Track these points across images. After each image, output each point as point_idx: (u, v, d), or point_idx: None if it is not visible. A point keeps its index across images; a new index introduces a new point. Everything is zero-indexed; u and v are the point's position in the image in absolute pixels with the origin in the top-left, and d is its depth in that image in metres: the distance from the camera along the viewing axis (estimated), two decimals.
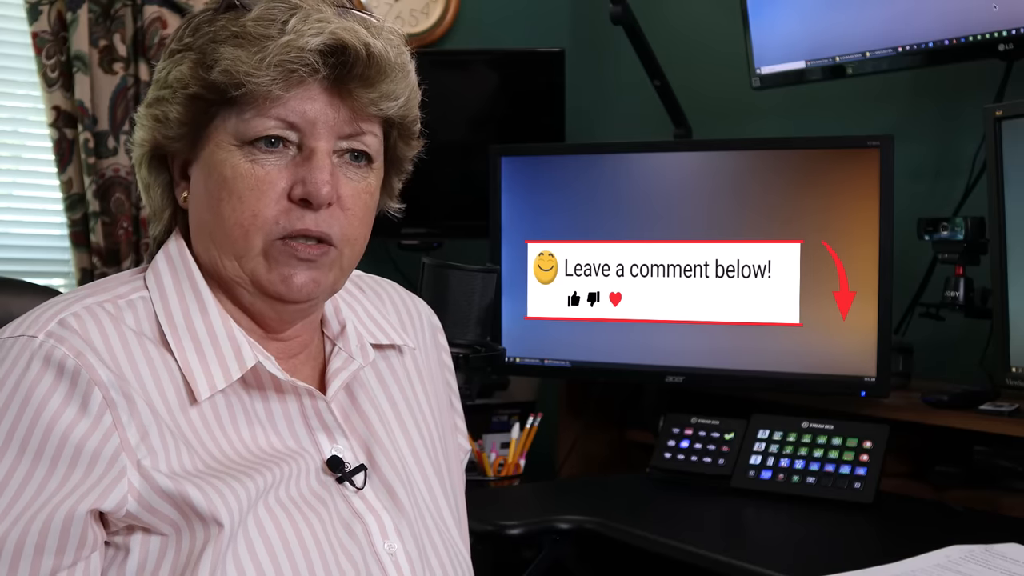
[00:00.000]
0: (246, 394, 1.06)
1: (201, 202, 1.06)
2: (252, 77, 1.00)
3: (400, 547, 1.08)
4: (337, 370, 1.13)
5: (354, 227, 1.07)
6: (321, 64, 1.01)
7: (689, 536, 1.77)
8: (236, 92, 1.01)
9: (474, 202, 2.61)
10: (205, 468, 1.01)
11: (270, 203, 1.03)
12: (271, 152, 1.03)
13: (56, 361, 0.98)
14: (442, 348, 1.29)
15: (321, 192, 1.03)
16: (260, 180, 1.03)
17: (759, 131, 2.65)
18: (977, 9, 2.04)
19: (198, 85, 1.03)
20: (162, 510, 0.98)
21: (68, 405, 0.97)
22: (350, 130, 1.05)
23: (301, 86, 1.02)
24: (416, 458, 1.16)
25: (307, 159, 1.03)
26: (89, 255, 2.63)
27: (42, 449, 0.96)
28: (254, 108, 1.02)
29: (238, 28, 1.02)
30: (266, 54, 1.00)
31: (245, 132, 1.03)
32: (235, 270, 1.06)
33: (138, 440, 0.99)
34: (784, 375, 2.16)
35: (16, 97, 2.70)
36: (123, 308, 1.05)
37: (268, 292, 1.06)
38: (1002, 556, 1.52)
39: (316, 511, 1.04)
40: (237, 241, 1.04)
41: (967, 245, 2.03)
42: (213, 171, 1.04)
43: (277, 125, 1.03)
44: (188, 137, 1.06)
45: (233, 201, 1.03)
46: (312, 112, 1.03)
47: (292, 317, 1.10)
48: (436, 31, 3.06)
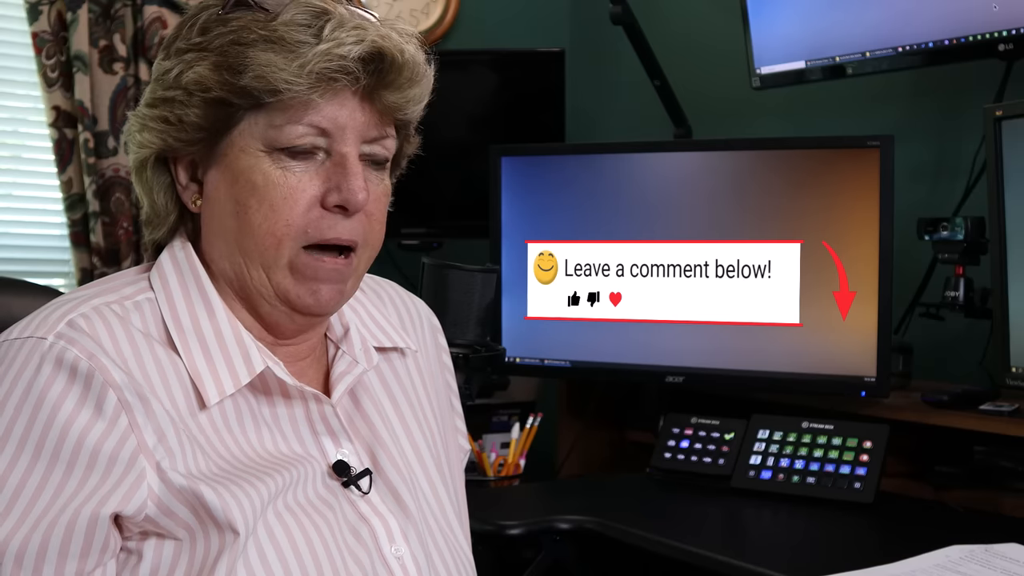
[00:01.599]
0: (253, 398, 1.06)
1: (224, 209, 1.04)
2: (292, 84, 0.99)
3: (407, 550, 1.07)
4: (341, 374, 1.12)
5: (376, 232, 1.07)
6: (362, 72, 1.00)
7: (689, 536, 1.77)
8: (271, 99, 1.00)
9: (474, 202, 2.61)
10: (219, 471, 1.00)
11: (302, 212, 1.02)
12: (301, 159, 1.02)
13: (68, 363, 0.96)
14: (442, 349, 1.29)
15: (358, 198, 1.02)
16: (293, 189, 1.02)
17: (759, 131, 2.65)
18: (977, 9, 2.04)
19: (224, 90, 1.00)
20: (179, 513, 0.97)
21: (83, 408, 0.96)
22: (375, 134, 1.05)
23: (336, 93, 1.01)
24: (420, 461, 1.16)
25: (339, 165, 1.03)
26: (89, 255, 2.63)
27: (58, 452, 0.95)
28: (284, 113, 1.01)
29: (267, 32, 1.00)
30: (306, 61, 0.98)
31: (276, 139, 1.01)
32: (261, 281, 1.05)
33: (155, 442, 0.98)
34: (784, 375, 2.16)
35: (16, 97, 2.70)
36: (130, 309, 1.04)
37: (295, 306, 1.05)
38: (1002, 556, 1.52)
39: (324, 516, 1.04)
40: (268, 251, 1.03)
41: (967, 245, 2.03)
42: (240, 178, 1.03)
43: (309, 132, 1.02)
44: (205, 141, 1.04)
45: (264, 209, 1.02)
46: (343, 118, 1.02)
47: (309, 325, 1.10)
48: (436, 31, 3.06)
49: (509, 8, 3.16)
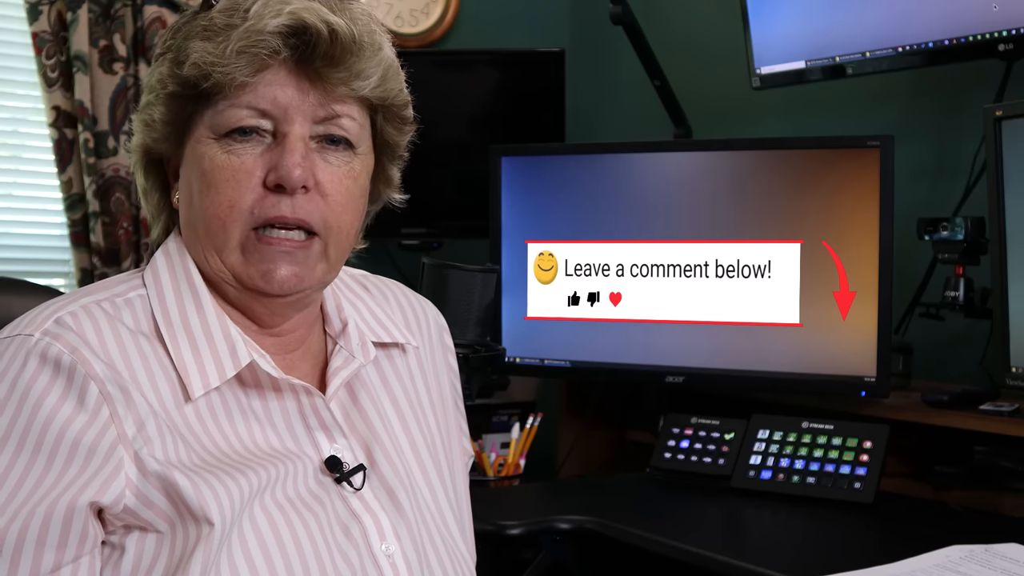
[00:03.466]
0: (243, 392, 1.06)
1: (185, 198, 1.08)
2: (217, 66, 1.01)
3: (398, 548, 1.07)
4: (337, 368, 1.12)
5: (336, 214, 1.07)
6: (282, 46, 1.01)
7: (689, 536, 1.77)
8: (206, 84, 1.02)
9: (474, 202, 2.61)
10: (200, 462, 1.00)
11: (245, 192, 1.03)
12: (246, 142, 1.04)
13: (52, 357, 0.98)
14: (448, 349, 1.28)
15: (292, 175, 1.02)
16: (236, 170, 1.04)
17: (759, 131, 2.65)
18: (977, 9, 2.04)
19: (174, 83, 1.04)
20: (157, 503, 0.98)
21: (65, 400, 0.98)
22: (324, 113, 1.05)
23: (267, 71, 1.03)
24: (418, 458, 1.16)
25: (279, 145, 1.04)
26: (89, 255, 2.63)
27: (40, 443, 0.96)
28: (226, 99, 1.03)
29: (206, 22, 1.04)
30: (229, 42, 1.01)
31: (220, 124, 1.04)
32: (217, 264, 1.06)
33: (135, 432, 0.99)
34: (784, 375, 2.16)
35: (16, 97, 2.70)
36: (120, 306, 1.05)
37: (248, 286, 1.06)
38: (1002, 556, 1.52)
39: (313, 511, 1.04)
40: (216, 234, 1.05)
41: (967, 245, 2.03)
42: (194, 166, 1.06)
43: (250, 114, 1.03)
44: (172, 137, 1.07)
45: (212, 193, 1.04)
46: (283, 98, 1.03)
47: (283, 311, 1.10)
48: (436, 31, 3.06)
49: (509, 8, 3.16)
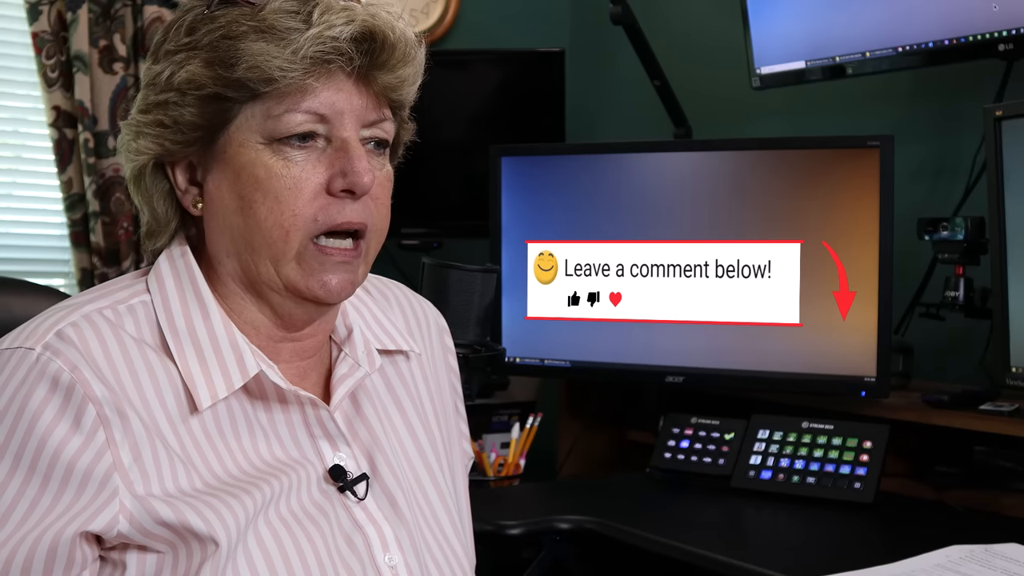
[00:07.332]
0: (248, 403, 1.05)
1: (227, 207, 1.03)
2: (287, 71, 0.98)
3: (400, 559, 1.07)
4: (343, 377, 1.11)
5: (382, 216, 1.07)
6: (355, 53, 1.00)
7: (689, 536, 1.77)
8: (267, 88, 0.99)
9: (474, 202, 2.61)
10: (204, 487, 0.99)
11: (308, 201, 1.02)
12: (303, 148, 1.02)
13: (51, 375, 0.96)
14: (448, 351, 1.28)
15: (364, 180, 1.01)
16: (296, 179, 1.01)
17: (759, 131, 2.65)
18: (977, 9, 2.04)
19: (218, 84, 1.00)
20: (158, 533, 0.97)
21: (61, 420, 0.96)
22: (374, 117, 1.05)
23: (331, 77, 1.01)
24: (419, 466, 1.15)
25: (341, 150, 1.02)
26: (89, 255, 2.63)
27: (35, 464, 0.95)
28: (283, 103, 1.00)
29: (257, 23, 1.00)
30: (298, 47, 0.98)
31: (275, 129, 1.01)
32: (270, 275, 1.04)
33: (131, 460, 0.97)
34: (784, 375, 2.16)
35: (16, 97, 2.70)
36: (123, 314, 1.03)
37: (305, 296, 1.05)
38: (1002, 556, 1.52)
39: (317, 524, 1.04)
40: (276, 244, 1.02)
41: (967, 245, 2.03)
42: (242, 173, 1.02)
43: (309, 119, 1.01)
44: (203, 141, 1.03)
45: (270, 202, 1.01)
46: (340, 102, 1.02)
47: (318, 315, 1.09)
48: (436, 31, 3.06)
49: (509, 8, 3.16)
